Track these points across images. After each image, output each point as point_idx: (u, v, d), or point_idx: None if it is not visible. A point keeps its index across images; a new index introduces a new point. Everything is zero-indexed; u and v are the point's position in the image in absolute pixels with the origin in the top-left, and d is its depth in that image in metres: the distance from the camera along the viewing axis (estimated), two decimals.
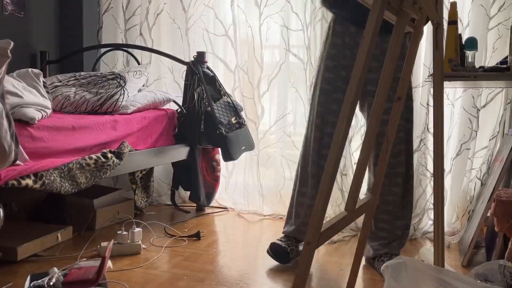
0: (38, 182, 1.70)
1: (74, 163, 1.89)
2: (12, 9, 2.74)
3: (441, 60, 1.38)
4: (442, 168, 1.42)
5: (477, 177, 2.45)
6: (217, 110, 2.66)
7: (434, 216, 1.44)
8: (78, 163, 1.91)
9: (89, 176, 1.96)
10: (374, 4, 1.02)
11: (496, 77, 1.82)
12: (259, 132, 2.89)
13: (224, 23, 2.96)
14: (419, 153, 2.47)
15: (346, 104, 1.01)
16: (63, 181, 1.82)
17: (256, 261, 2.09)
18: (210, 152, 2.93)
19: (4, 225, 1.67)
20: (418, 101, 2.46)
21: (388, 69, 1.26)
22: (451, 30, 1.91)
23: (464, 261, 2.06)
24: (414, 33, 1.39)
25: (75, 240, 2.27)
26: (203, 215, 2.84)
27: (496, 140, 2.40)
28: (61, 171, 1.82)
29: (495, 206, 1.68)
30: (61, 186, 1.80)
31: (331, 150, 1.02)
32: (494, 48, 2.36)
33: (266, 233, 2.51)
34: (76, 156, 1.98)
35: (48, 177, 1.74)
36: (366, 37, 1.02)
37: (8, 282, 1.77)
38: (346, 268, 2.02)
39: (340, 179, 2.59)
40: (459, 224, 2.46)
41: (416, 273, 1.23)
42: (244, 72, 2.86)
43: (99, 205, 2.49)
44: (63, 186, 1.81)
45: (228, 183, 3.01)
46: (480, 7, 2.33)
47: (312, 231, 1.02)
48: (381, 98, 1.26)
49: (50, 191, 1.75)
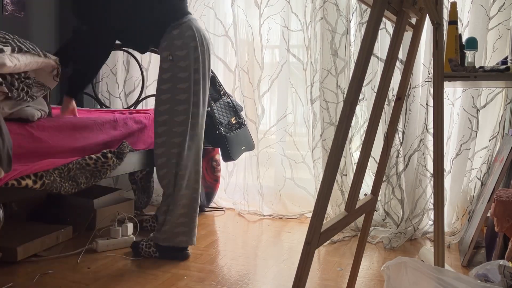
0: (38, 182, 1.70)
1: (74, 163, 1.89)
2: (12, 9, 2.74)
3: (441, 60, 1.38)
4: (442, 168, 1.42)
5: (477, 177, 2.45)
6: (216, 110, 2.66)
7: (434, 216, 1.44)
8: (78, 163, 1.90)
9: (89, 176, 1.96)
10: (374, 4, 1.02)
11: (496, 77, 1.81)
12: (259, 132, 2.89)
13: (224, 23, 2.96)
14: (418, 153, 2.47)
15: (346, 104, 1.01)
16: (63, 181, 1.81)
17: (256, 261, 2.09)
18: (210, 152, 2.93)
19: (4, 225, 1.67)
20: (418, 101, 2.46)
21: (389, 70, 1.26)
22: (451, 30, 1.91)
23: (464, 261, 2.06)
24: (414, 33, 1.39)
25: (75, 240, 2.27)
26: (201, 215, 2.84)
27: (496, 140, 2.40)
28: (61, 171, 1.81)
29: (495, 206, 1.68)
30: (61, 186, 1.80)
31: (331, 150, 1.02)
32: (494, 48, 2.36)
33: (266, 233, 2.51)
34: (76, 156, 1.98)
35: (48, 177, 1.74)
36: (366, 37, 1.02)
37: (8, 282, 1.77)
38: (346, 268, 2.02)
39: (340, 179, 2.60)
40: (459, 224, 2.46)
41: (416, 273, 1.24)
42: (244, 72, 2.86)
43: (99, 205, 2.49)
44: (63, 186, 1.81)
45: (228, 183, 3.02)
46: (480, 7, 2.33)
47: (312, 231, 1.02)
48: (381, 98, 1.26)
49: (50, 191, 1.75)
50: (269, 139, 2.93)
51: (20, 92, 1.68)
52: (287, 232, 2.54)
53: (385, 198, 2.53)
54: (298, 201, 2.85)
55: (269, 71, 2.88)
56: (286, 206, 2.85)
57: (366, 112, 2.67)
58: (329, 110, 2.59)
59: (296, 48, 2.81)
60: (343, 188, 2.60)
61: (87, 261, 2.03)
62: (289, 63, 2.82)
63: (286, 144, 2.88)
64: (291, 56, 2.81)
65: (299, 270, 1.02)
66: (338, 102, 2.59)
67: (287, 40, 2.78)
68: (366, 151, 1.26)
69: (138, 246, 2.13)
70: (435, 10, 1.33)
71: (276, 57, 2.89)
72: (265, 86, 2.89)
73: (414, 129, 2.47)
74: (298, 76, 2.83)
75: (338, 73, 2.58)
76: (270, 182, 2.91)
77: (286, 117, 2.87)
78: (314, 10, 2.62)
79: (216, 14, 2.95)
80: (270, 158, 2.92)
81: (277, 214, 2.83)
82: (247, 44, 2.87)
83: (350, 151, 2.61)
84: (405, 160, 2.49)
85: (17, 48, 1.60)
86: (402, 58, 2.44)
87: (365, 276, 1.94)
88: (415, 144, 2.47)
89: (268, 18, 2.82)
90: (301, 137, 2.88)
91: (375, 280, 1.90)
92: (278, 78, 2.87)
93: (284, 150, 2.88)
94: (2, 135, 1.48)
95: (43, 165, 1.73)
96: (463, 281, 1.19)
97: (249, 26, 2.84)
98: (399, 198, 2.50)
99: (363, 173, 1.26)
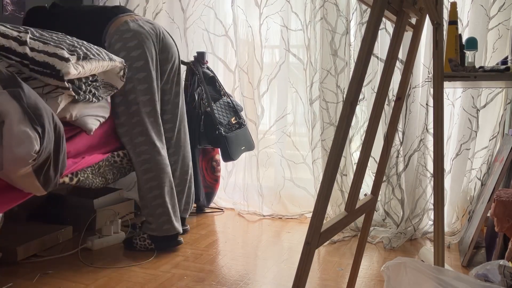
0: (74, 179, 1.86)
1: (104, 161, 2.01)
2: (12, 9, 2.74)
3: (441, 60, 1.38)
4: (442, 168, 1.42)
5: (477, 177, 2.45)
6: (216, 110, 2.66)
7: (434, 216, 1.44)
8: (107, 161, 2.03)
9: (116, 172, 2.11)
10: (374, 4, 1.02)
11: (496, 77, 1.81)
12: (259, 132, 2.89)
13: (224, 23, 2.96)
14: (418, 153, 2.47)
15: (346, 104, 1.01)
16: (94, 177, 1.96)
17: (256, 261, 2.09)
18: (210, 152, 2.93)
19: (4, 225, 1.68)
20: (418, 101, 2.46)
21: (389, 69, 1.26)
22: (451, 30, 1.91)
23: (464, 261, 2.06)
24: (414, 33, 1.39)
25: (75, 240, 2.27)
26: (201, 215, 2.84)
27: (496, 140, 2.40)
28: (93, 169, 1.96)
29: (495, 206, 1.68)
30: (92, 182, 1.95)
31: (331, 150, 1.02)
32: (494, 48, 2.36)
33: (266, 233, 2.51)
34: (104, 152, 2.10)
35: (82, 175, 1.90)
36: (366, 37, 1.02)
37: (8, 282, 1.77)
38: (346, 268, 2.02)
39: (340, 179, 2.59)
40: (459, 224, 2.46)
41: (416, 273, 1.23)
42: (244, 72, 2.86)
43: (99, 205, 2.49)
44: (94, 182, 1.96)
45: (228, 183, 3.02)
46: (480, 7, 2.33)
47: (312, 231, 1.02)
48: (381, 98, 1.26)
49: (83, 186, 1.92)
50: (269, 139, 2.93)
51: (88, 94, 1.81)
52: (287, 232, 2.54)
53: (385, 198, 2.53)
54: (298, 201, 2.85)
55: (269, 71, 2.88)
56: (286, 206, 2.85)
57: (366, 112, 2.67)
58: (329, 110, 2.59)
59: (295, 48, 2.81)
60: (343, 188, 2.60)
61: (86, 261, 2.03)
62: (288, 63, 2.82)
63: (286, 144, 2.88)
64: (291, 56, 2.81)
65: (299, 270, 1.02)
66: (338, 102, 2.59)
67: (286, 40, 2.78)
68: (366, 151, 1.26)
69: (132, 241, 2.16)
70: (435, 10, 1.33)
71: (275, 57, 2.89)
72: (265, 86, 2.89)
73: (414, 129, 2.47)
74: (298, 76, 2.83)
75: (338, 73, 2.58)
76: (270, 182, 2.91)
77: (286, 117, 2.87)
78: (314, 10, 2.62)
79: (216, 14, 2.95)
80: (270, 158, 2.92)
81: (277, 214, 2.83)
82: (247, 44, 2.87)
83: (350, 151, 2.61)
84: (405, 160, 2.49)
85: (82, 55, 1.71)
86: (402, 58, 2.44)
87: (365, 276, 1.94)
88: (415, 144, 2.47)
89: (267, 18, 2.82)
90: (301, 137, 2.88)
91: (375, 280, 1.90)
92: (278, 78, 2.87)
93: (284, 150, 2.88)
94: (57, 166, 1.59)
95: (80, 165, 1.88)
96: (463, 281, 1.19)
97: (249, 26, 2.84)
98: (399, 198, 2.50)
99: (363, 173, 1.26)
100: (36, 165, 1.49)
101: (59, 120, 1.62)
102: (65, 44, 1.70)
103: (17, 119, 1.43)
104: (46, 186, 1.57)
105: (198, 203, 2.86)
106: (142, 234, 2.17)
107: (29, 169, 1.47)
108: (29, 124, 1.45)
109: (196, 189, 2.77)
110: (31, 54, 1.62)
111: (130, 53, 2.07)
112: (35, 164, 1.48)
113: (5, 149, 1.42)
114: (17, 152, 1.42)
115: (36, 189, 1.56)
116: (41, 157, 1.49)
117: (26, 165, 1.45)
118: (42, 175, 1.53)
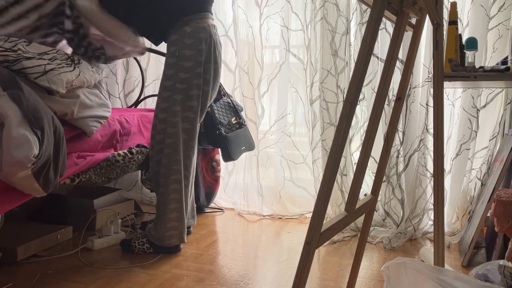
0: (76, 180, 1.89)
1: (105, 161, 2.02)
2: None
3: (441, 60, 1.38)
4: (442, 168, 1.42)
5: (477, 177, 2.45)
6: (217, 110, 2.66)
7: (434, 216, 1.44)
8: (108, 160, 2.04)
9: (119, 171, 2.12)
10: (374, 4, 1.02)
11: (496, 77, 1.81)
12: (259, 132, 2.89)
13: (224, 23, 2.96)
14: (419, 153, 2.47)
15: (346, 104, 1.01)
16: (97, 177, 1.99)
17: (256, 261, 2.09)
18: (210, 152, 2.93)
19: (4, 225, 1.68)
20: (418, 101, 2.46)
21: (389, 69, 1.26)
22: (451, 30, 1.91)
23: (464, 261, 2.06)
24: (414, 33, 1.39)
25: (75, 240, 2.27)
26: (201, 215, 2.84)
27: (496, 140, 2.40)
28: (95, 169, 1.98)
29: (495, 206, 1.68)
30: (94, 182, 1.99)
31: (331, 150, 1.02)
32: (494, 48, 2.36)
33: (266, 233, 2.51)
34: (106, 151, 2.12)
35: (84, 176, 1.92)
36: (366, 37, 1.02)
37: (8, 282, 1.77)
38: (346, 268, 2.02)
39: (340, 179, 2.59)
40: (459, 224, 2.46)
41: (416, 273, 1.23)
42: (245, 72, 2.86)
43: (99, 205, 2.49)
44: (97, 182, 2.00)
45: (228, 183, 3.02)
46: (480, 7, 2.33)
47: (312, 231, 1.02)
48: (381, 98, 1.26)
49: (85, 185, 1.96)
50: (269, 139, 2.93)
51: (88, 50, 1.97)
52: (287, 232, 2.54)
53: (385, 198, 2.53)
54: (298, 202, 2.85)
55: (269, 71, 2.88)
56: (286, 206, 2.85)
57: (366, 112, 2.67)
58: (329, 110, 2.59)
59: (296, 48, 2.81)
60: (343, 188, 2.60)
61: (86, 261, 2.03)
62: (289, 63, 2.82)
63: (286, 144, 2.88)
64: (291, 56, 2.81)
65: (299, 270, 1.02)
66: (338, 102, 2.59)
67: (287, 40, 2.78)
68: (366, 151, 1.26)
69: (130, 244, 2.14)
70: (435, 10, 1.33)
71: (276, 57, 2.89)
72: (265, 86, 2.89)
73: (414, 129, 2.47)
74: (298, 76, 2.83)
75: (338, 73, 2.58)
76: (270, 182, 2.91)
77: (286, 117, 2.87)
78: (314, 10, 2.62)
79: (216, 14, 2.95)
80: (270, 158, 2.92)
81: (277, 214, 2.83)
82: (247, 44, 2.87)
83: (350, 151, 2.61)
84: (405, 160, 2.49)
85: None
86: (402, 58, 2.44)
87: (365, 276, 1.94)
88: (415, 144, 2.47)
89: (267, 18, 2.82)
90: (301, 137, 2.88)
91: (375, 280, 1.90)
92: (278, 78, 2.87)
93: (284, 150, 2.88)
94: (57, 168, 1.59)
95: (81, 166, 1.89)
96: (463, 281, 1.19)
97: (249, 26, 2.84)
98: (399, 198, 2.50)
99: (363, 173, 1.26)
100: (36, 168, 1.48)
101: (59, 122, 1.62)
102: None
103: (16, 122, 1.42)
104: (46, 188, 1.57)
105: (198, 203, 2.86)
106: (141, 238, 2.14)
107: (29, 172, 1.47)
108: (28, 127, 1.44)
109: (196, 189, 2.77)
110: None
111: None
112: (34, 168, 1.47)
113: (4, 152, 1.42)
114: (16, 156, 1.41)
115: (36, 191, 1.56)
116: (41, 160, 1.49)
117: (25, 169, 1.45)
118: (41, 178, 1.53)
